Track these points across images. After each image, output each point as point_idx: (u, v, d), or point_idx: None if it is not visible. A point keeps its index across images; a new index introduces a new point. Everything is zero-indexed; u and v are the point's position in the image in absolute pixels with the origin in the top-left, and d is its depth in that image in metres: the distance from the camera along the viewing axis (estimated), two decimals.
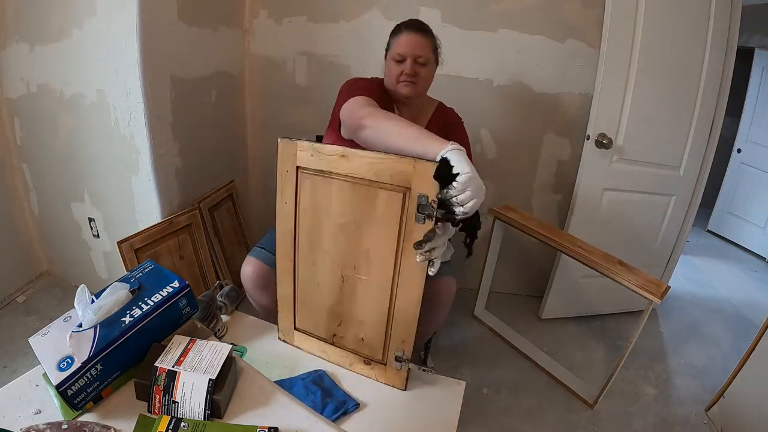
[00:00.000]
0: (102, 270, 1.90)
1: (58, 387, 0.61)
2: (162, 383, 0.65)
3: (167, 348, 0.69)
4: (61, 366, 0.63)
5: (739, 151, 3.40)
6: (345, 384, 1.06)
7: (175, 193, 1.69)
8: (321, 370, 1.09)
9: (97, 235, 1.82)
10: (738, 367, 1.53)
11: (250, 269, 1.32)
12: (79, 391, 0.63)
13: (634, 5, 1.66)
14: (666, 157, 1.92)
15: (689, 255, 3.04)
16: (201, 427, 0.62)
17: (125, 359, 0.68)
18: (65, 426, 0.60)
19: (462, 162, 0.82)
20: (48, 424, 0.60)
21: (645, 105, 1.79)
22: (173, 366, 0.66)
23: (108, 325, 0.68)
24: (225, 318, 1.27)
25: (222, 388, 0.65)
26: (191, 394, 0.64)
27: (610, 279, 1.52)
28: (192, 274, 1.73)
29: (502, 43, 1.87)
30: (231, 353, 0.71)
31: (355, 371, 1.10)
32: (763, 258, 3.15)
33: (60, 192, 1.82)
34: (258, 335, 1.19)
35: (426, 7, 1.87)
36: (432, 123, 1.41)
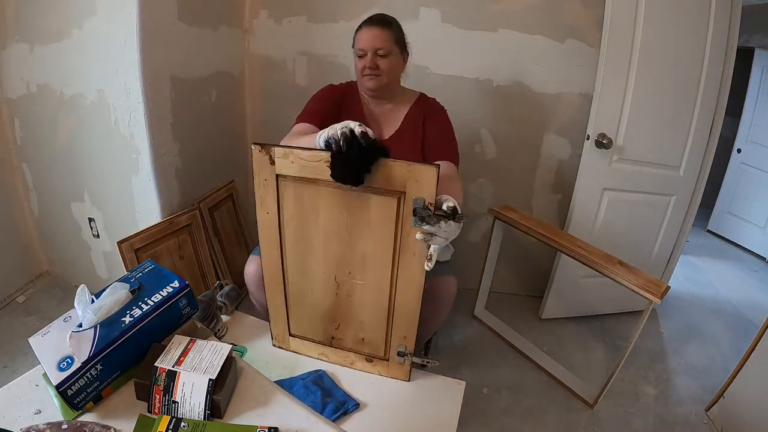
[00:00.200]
0: (102, 270, 1.90)
1: (58, 387, 0.61)
2: (162, 383, 0.65)
3: (167, 348, 0.69)
4: (61, 366, 0.63)
5: (739, 151, 3.40)
6: (345, 384, 1.06)
7: (175, 193, 1.69)
8: (321, 370, 1.09)
9: (97, 235, 1.82)
10: (738, 367, 1.53)
11: (253, 268, 1.31)
12: (79, 391, 0.63)
13: (634, 5, 1.66)
14: (666, 157, 1.92)
15: (689, 255, 3.04)
16: (201, 427, 0.62)
17: (125, 359, 0.68)
18: (65, 426, 0.60)
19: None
20: (48, 424, 0.60)
21: (645, 105, 1.78)
22: (173, 366, 0.66)
23: (108, 325, 0.68)
24: (225, 318, 1.27)
25: (222, 388, 0.65)
26: (191, 394, 0.64)
27: (610, 279, 1.52)
28: (192, 274, 1.73)
29: (502, 43, 1.87)
30: (231, 353, 0.71)
31: (357, 369, 1.10)
32: (763, 258, 3.15)
33: (60, 192, 1.82)
34: (258, 335, 1.19)
35: (426, 7, 1.86)
36: (410, 114, 1.41)
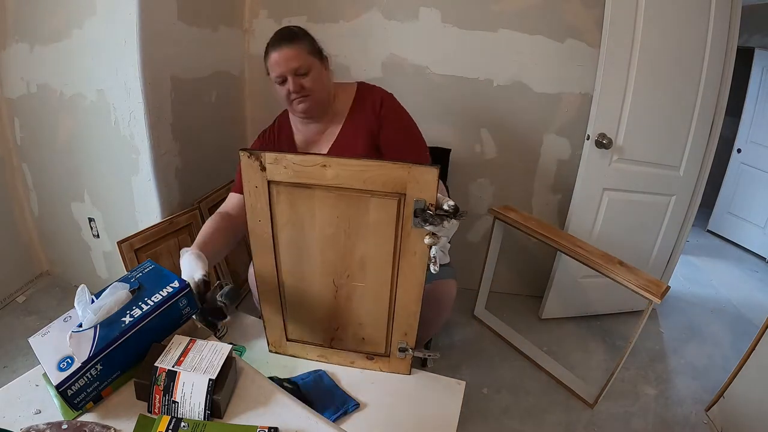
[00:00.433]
0: (102, 270, 1.90)
1: (58, 387, 0.61)
2: (162, 383, 0.65)
3: (167, 348, 0.69)
4: (61, 366, 0.63)
5: (739, 151, 3.40)
6: (345, 384, 1.06)
7: (175, 193, 1.69)
8: (321, 370, 1.09)
9: (97, 235, 1.82)
10: (738, 367, 1.53)
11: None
12: (79, 391, 0.63)
13: (634, 5, 1.66)
14: (666, 157, 1.92)
15: (689, 255, 3.04)
16: (201, 427, 0.62)
17: (125, 359, 0.68)
18: (65, 426, 0.60)
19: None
20: (48, 424, 0.60)
21: (645, 105, 1.78)
22: (173, 366, 0.66)
23: (108, 325, 0.68)
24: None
25: (222, 388, 0.65)
26: (191, 394, 0.64)
27: (610, 279, 1.52)
28: None
29: (502, 43, 1.87)
30: (231, 353, 0.71)
31: (358, 367, 1.10)
32: (763, 258, 3.15)
33: (60, 192, 1.82)
34: (258, 335, 1.19)
35: (426, 7, 1.86)
36: (349, 121, 1.25)
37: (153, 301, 0.73)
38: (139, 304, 0.72)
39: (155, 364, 0.66)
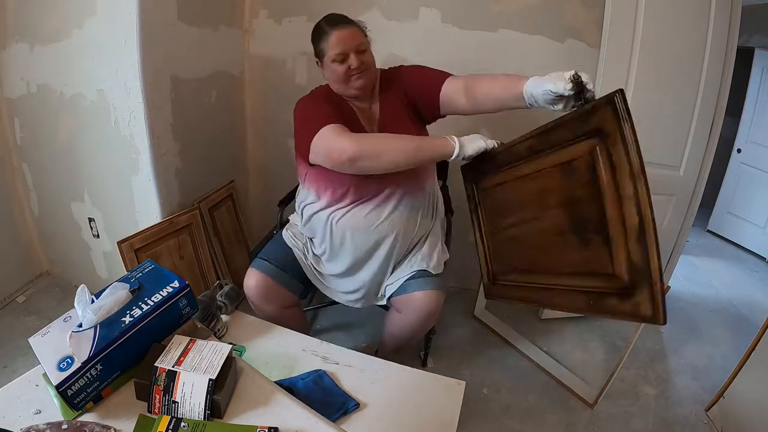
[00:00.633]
0: (102, 270, 1.90)
1: (58, 387, 0.61)
2: (162, 383, 0.65)
3: (167, 348, 0.69)
4: (61, 366, 0.63)
5: (739, 151, 3.39)
6: (345, 384, 1.06)
7: (175, 193, 1.69)
8: (321, 370, 1.09)
9: (97, 235, 1.82)
10: (738, 367, 1.53)
11: (253, 282, 1.31)
12: (79, 391, 0.63)
13: (634, 5, 1.66)
14: (666, 157, 1.92)
15: (689, 255, 3.03)
16: (201, 427, 0.62)
17: (125, 359, 0.68)
18: (65, 426, 0.60)
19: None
20: (48, 424, 0.60)
21: (645, 105, 1.78)
22: (173, 366, 0.66)
23: (108, 325, 0.68)
24: (225, 318, 1.26)
25: (222, 388, 0.65)
26: (191, 394, 0.64)
27: None
28: (192, 274, 1.73)
29: (502, 43, 1.87)
30: (231, 353, 0.71)
31: None
32: (763, 258, 3.15)
33: (60, 192, 1.81)
34: (258, 335, 1.19)
35: (426, 7, 1.86)
36: (383, 94, 1.34)
37: (153, 301, 0.73)
38: (139, 304, 0.72)
39: (155, 364, 0.66)
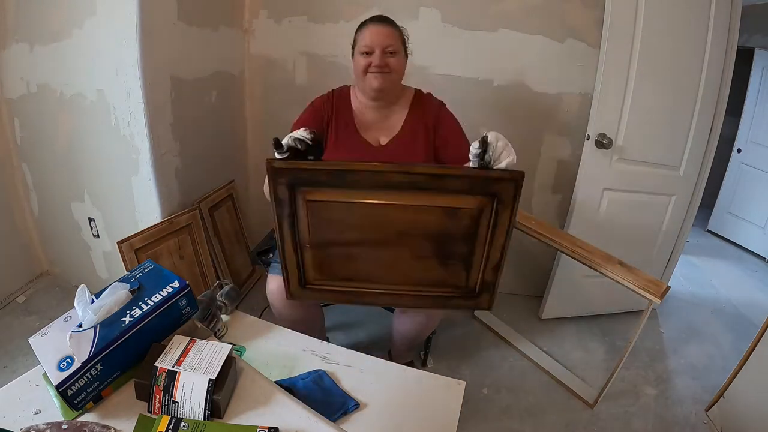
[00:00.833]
0: (102, 270, 1.90)
1: (58, 387, 0.61)
2: (162, 383, 0.65)
3: (167, 348, 0.69)
4: (61, 366, 0.63)
5: (739, 151, 3.39)
6: (345, 384, 1.06)
7: (175, 193, 1.69)
8: (321, 370, 1.09)
9: (97, 235, 1.82)
10: (738, 367, 1.53)
11: (275, 286, 1.32)
12: (79, 391, 0.63)
13: (634, 5, 1.66)
14: (666, 157, 1.92)
15: (689, 255, 3.03)
16: (201, 427, 0.62)
17: (125, 359, 0.68)
18: (65, 426, 0.60)
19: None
20: (48, 424, 0.60)
21: (645, 105, 1.78)
22: (173, 366, 0.66)
23: (108, 325, 0.68)
24: (225, 318, 1.26)
25: (222, 388, 0.65)
26: (191, 394, 0.64)
27: (610, 279, 1.52)
28: (192, 274, 1.73)
29: (502, 43, 1.87)
30: (231, 353, 0.71)
31: None
32: (763, 258, 3.15)
33: (60, 192, 1.81)
34: (258, 335, 1.19)
35: (426, 7, 1.86)
36: (409, 120, 1.34)
37: (153, 301, 0.73)
38: (139, 304, 0.72)
39: (155, 364, 0.66)
